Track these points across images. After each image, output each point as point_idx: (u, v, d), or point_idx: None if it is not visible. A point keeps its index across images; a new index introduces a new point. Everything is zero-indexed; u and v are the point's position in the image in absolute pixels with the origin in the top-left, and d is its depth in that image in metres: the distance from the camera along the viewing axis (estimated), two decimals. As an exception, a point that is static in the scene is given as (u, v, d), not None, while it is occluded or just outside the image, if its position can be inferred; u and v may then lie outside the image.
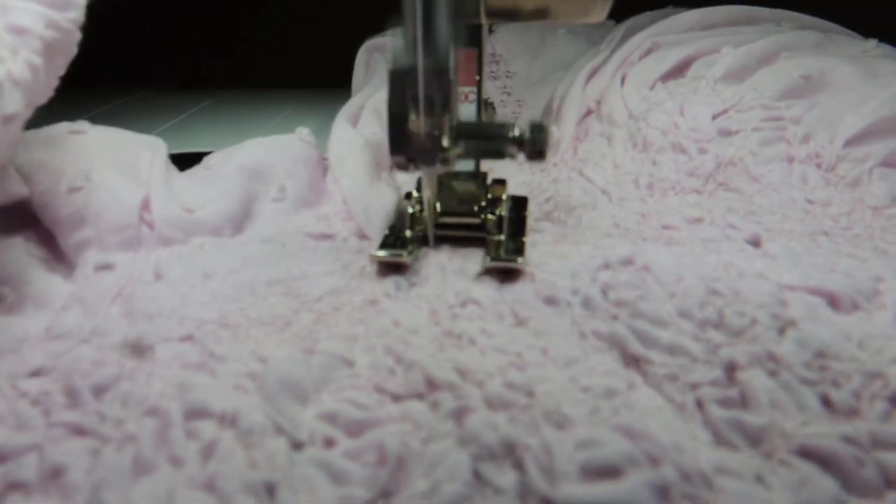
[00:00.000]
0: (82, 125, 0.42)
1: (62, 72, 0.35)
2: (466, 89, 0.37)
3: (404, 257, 0.35)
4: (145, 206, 0.38)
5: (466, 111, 0.37)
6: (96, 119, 0.43)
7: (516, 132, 0.33)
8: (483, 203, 0.38)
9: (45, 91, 0.35)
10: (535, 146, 0.33)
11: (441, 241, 0.38)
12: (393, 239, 0.37)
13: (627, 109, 0.49)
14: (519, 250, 0.36)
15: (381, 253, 0.35)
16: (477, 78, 0.37)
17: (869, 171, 0.43)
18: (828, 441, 0.23)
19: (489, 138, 0.33)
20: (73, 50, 0.35)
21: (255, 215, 0.42)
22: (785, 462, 0.23)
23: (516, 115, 0.56)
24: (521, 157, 0.33)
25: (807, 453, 0.24)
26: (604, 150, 0.47)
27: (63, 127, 0.41)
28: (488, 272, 0.35)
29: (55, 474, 0.24)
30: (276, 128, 0.61)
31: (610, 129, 0.49)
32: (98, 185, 0.38)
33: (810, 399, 0.25)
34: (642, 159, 0.45)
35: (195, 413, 0.25)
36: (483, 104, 0.38)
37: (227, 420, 0.25)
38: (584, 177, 0.45)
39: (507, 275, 0.35)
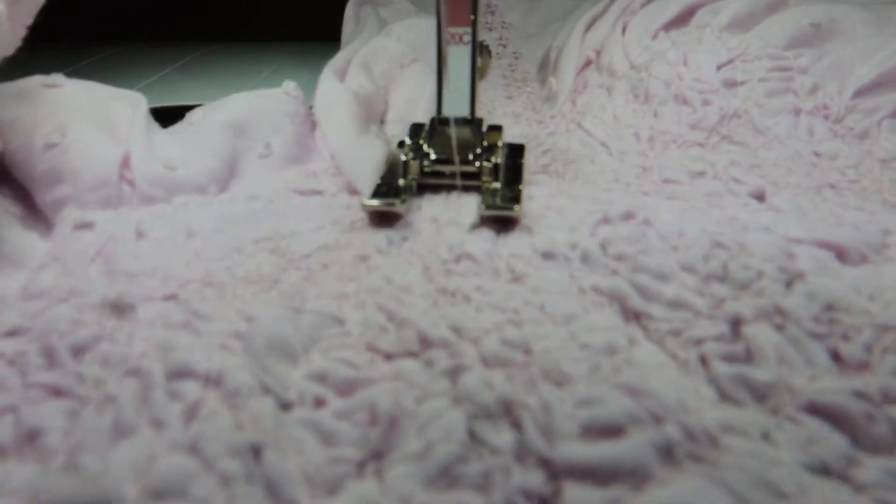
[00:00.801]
0: (57, 78, 0.40)
1: (29, 21, 0.34)
2: (461, 30, 0.35)
3: (397, 206, 0.34)
4: (125, 163, 0.37)
5: (460, 54, 0.35)
6: (75, 75, 0.41)
7: None
8: (478, 150, 0.37)
9: (12, 41, 0.33)
10: None
11: (435, 189, 0.37)
12: (385, 188, 0.36)
13: (628, 60, 0.47)
14: (515, 198, 0.35)
15: (374, 202, 0.34)
16: (472, 18, 0.35)
17: (878, 123, 0.41)
18: (837, 397, 0.22)
19: None
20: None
21: (241, 172, 0.40)
22: (792, 419, 0.23)
23: (513, 68, 0.54)
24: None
25: (815, 409, 0.23)
26: (603, 101, 0.46)
27: (36, 80, 0.39)
28: (483, 221, 0.34)
29: (31, 437, 0.23)
30: (263, 83, 0.59)
31: (610, 81, 0.47)
32: (75, 141, 0.36)
33: (819, 353, 0.24)
34: (643, 111, 0.44)
35: (178, 373, 0.24)
36: (479, 48, 0.36)
37: (212, 380, 0.24)
38: (582, 129, 0.44)
39: (503, 224, 0.33)
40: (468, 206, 0.35)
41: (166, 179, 0.37)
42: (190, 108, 0.44)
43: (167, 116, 0.43)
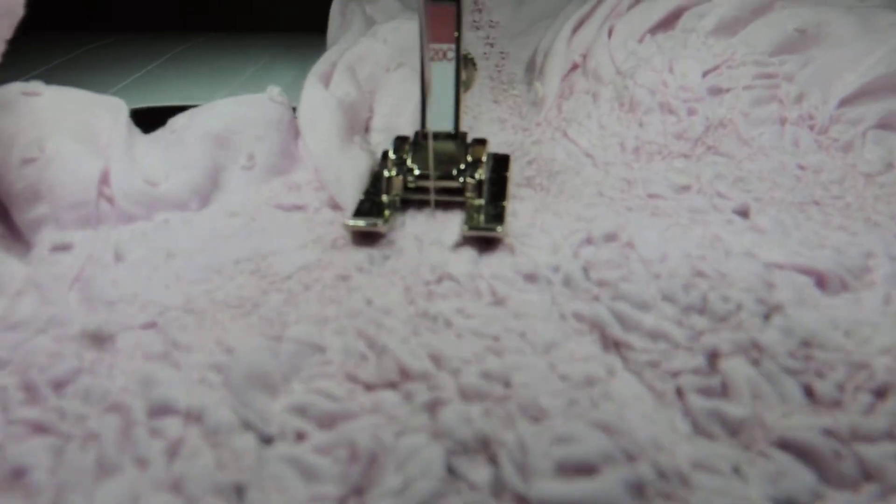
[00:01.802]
0: (36, 86, 0.40)
1: (8, 35, 0.33)
2: (444, 46, 0.35)
3: (379, 226, 0.34)
4: (104, 178, 0.36)
5: (444, 70, 0.35)
6: (58, 69, 0.41)
7: None
8: (462, 165, 0.37)
9: None
10: None
11: (418, 204, 0.37)
12: (368, 205, 0.36)
13: (614, 65, 0.47)
14: (499, 217, 0.34)
15: (356, 222, 0.34)
16: (455, 35, 0.35)
17: (863, 134, 0.42)
18: (807, 433, 0.23)
19: None
20: (19, 12, 0.33)
21: (223, 185, 0.40)
22: (763, 453, 0.23)
23: (499, 69, 0.54)
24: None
25: (785, 445, 0.23)
26: (589, 109, 0.45)
27: (15, 88, 0.39)
28: (466, 241, 0.34)
29: (18, 475, 0.23)
30: (250, 80, 0.59)
31: (596, 87, 0.47)
32: (53, 157, 0.36)
33: (793, 389, 0.25)
34: (629, 120, 0.44)
35: (159, 410, 0.24)
36: (463, 60, 0.36)
37: (193, 416, 0.24)
38: (568, 138, 0.44)
39: (486, 243, 0.34)
40: (452, 223, 0.35)
41: (147, 196, 0.37)
42: (174, 109, 0.44)
43: (150, 118, 0.43)
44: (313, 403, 0.25)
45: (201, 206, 0.38)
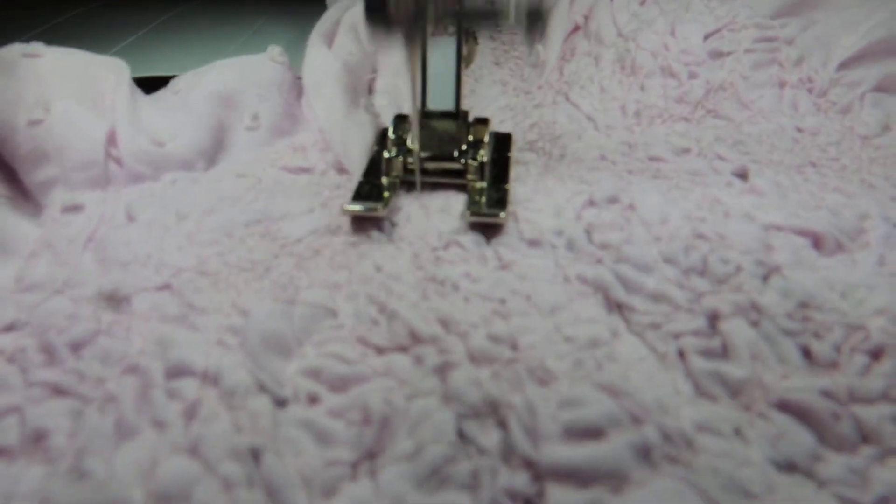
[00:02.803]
0: (37, 47, 0.40)
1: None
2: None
3: (379, 211, 0.33)
4: (111, 139, 0.37)
5: (444, 45, 0.34)
6: (49, 34, 0.40)
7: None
8: (464, 146, 0.35)
9: None
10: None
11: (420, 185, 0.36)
12: (367, 188, 0.34)
13: (616, 27, 0.47)
14: (501, 201, 0.33)
15: (355, 206, 0.33)
16: (457, 9, 0.34)
17: (861, 97, 0.42)
18: (806, 394, 0.24)
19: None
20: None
21: (229, 146, 0.40)
22: (763, 415, 0.24)
23: (500, 29, 0.54)
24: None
25: (785, 406, 0.24)
26: (591, 72, 0.46)
27: (16, 50, 0.39)
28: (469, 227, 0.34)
29: (38, 438, 0.24)
30: (246, 44, 0.58)
31: (598, 49, 0.47)
32: (59, 118, 0.36)
33: (791, 351, 0.25)
34: (630, 83, 0.44)
35: (177, 371, 0.25)
36: (465, 35, 0.36)
37: (210, 378, 0.25)
38: (569, 102, 0.44)
39: (490, 226, 0.33)
40: (456, 200, 0.35)
41: (154, 156, 0.37)
42: (170, 77, 0.44)
43: (148, 87, 0.43)
44: (326, 366, 0.26)
45: (207, 166, 0.38)
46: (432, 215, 0.34)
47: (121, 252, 0.31)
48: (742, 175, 0.37)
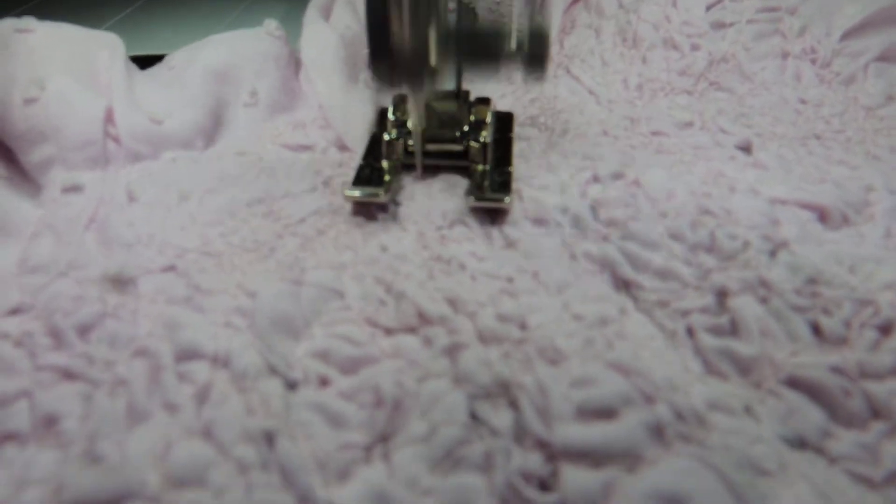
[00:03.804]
0: (29, 22, 0.39)
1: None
2: None
3: (381, 196, 0.32)
4: (109, 117, 0.36)
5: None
6: (34, 12, 0.39)
7: (513, 40, 0.30)
8: (465, 127, 0.34)
9: None
10: (535, 52, 0.30)
11: (422, 168, 0.35)
12: (368, 171, 0.34)
13: (617, -2, 0.46)
14: (505, 185, 0.33)
15: (356, 192, 0.32)
16: None
17: (864, 67, 0.42)
18: (816, 371, 0.24)
19: (484, 45, 0.31)
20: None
21: (227, 123, 0.40)
22: (774, 392, 0.24)
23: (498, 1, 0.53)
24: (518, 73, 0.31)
25: (795, 383, 0.24)
26: (591, 44, 0.45)
27: (7, 25, 0.38)
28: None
29: (49, 422, 0.23)
30: (239, 19, 0.57)
31: (598, 21, 0.46)
32: (55, 96, 0.36)
33: (800, 327, 0.25)
34: (632, 56, 0.43)
35: (186, 354, 0.25)
36: (465, 11, 0.35)
37: (220, 361, 0.25)
38: (570, 75, 0.44)
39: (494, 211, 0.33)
40: (458, 182, 0.35)
41: (152, 134, 0.37)
42: (163, 56, 0.43)
43: (139, 65, 0.42)
44: (335, 348, 0.25)
45: (206, 144, 0.38)
46: (435, 195, 0.33)
47: (123, 233, 0.31)
48: (745, 149, 0.37)
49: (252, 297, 0.27)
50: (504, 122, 0.39)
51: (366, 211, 0.32)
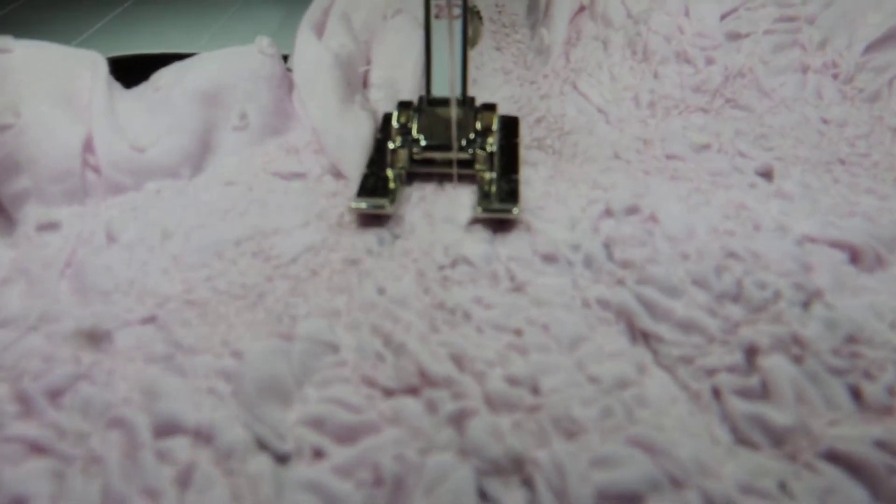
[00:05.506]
0: (6, 42, 0.36)
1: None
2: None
3: (386, 208, 0.32)
4: (88, 145, 0.34)
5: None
6: (5, 21, 0.37)
7: None
8: (471, 134, 0.34)
9: None
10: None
11: (425, 177, 0.35)
12: (373, 181, 0.33)
13: (625, 7, 0.44)
14: (513, 194, 0.32)
15: (361, 204, 0.32)
16: None
17: (889, 83, 0.39)
18: (858, 445, 0.22)
19: None
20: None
21: (215, 148, 0.37)
22: (810, 466, 0.22)
23: (500, 9, 0.50)
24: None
25: (834, 457, 0.22)
26: (599, 57, 0.43)
27: None
28: (479, 220, 0.32)
29: (15, 505, 0.21)
30: (223, 29, 0.54)
31: (606, 32, 0.44)
32: (31, 123, 0.33)
33: (839, 392, 0.23)
34: (643, 71, 0.41)
35: (166, 428, 0.23)
36: (469, 14, 0.33)
37: (203, 436, 0.23)
38: (578, 91, 0.41)
39: (501, 223, 0.32)
40: (463, 197, 0.33)
41: (135, 163, 0.34)
42: (155, 58, 0.40)
43: (128, 68, 0.39)
44: (330, 414, 0.23)
45: (193, 173, 0.35)
46: (436, 225, 0.31)
47: (101, 279, 0.29)
48: (766, 174, 0.35)
49: (238, 358, 0.25)
50: (509, 127, 0.37)
51: (363, 242, 0.31)
